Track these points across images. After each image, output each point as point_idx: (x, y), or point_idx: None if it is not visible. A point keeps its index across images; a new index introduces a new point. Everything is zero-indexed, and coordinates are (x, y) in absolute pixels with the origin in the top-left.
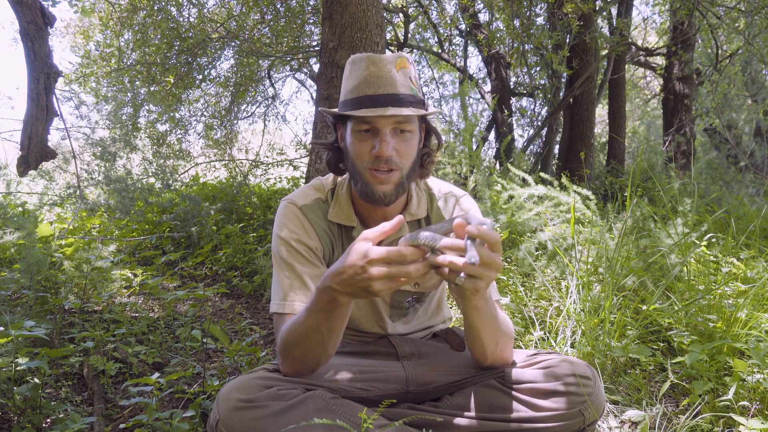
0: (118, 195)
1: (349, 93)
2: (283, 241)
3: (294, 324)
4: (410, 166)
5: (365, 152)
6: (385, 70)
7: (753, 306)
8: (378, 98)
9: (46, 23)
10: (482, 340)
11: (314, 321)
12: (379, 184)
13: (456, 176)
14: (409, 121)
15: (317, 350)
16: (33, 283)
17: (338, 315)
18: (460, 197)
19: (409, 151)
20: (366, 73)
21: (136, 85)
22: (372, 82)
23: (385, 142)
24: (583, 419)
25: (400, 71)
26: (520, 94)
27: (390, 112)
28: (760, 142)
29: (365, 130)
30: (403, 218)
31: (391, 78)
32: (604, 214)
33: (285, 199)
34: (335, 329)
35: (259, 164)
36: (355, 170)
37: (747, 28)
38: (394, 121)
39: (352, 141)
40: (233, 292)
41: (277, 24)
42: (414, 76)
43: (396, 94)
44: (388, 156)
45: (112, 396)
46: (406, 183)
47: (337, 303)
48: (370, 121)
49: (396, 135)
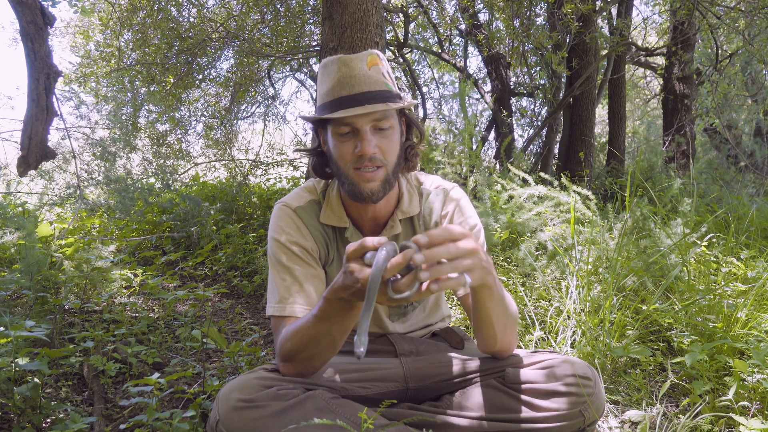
0: (118, 195)
1: (324, 97)
2: (279, 243)
3: (299, 330)
4: (395, 161)
5: (348, 153)
6: (356, 69)
7: (753, 306)
8: (353, 98)
9: (46, 23)
10: (492, 323)
11: (325, 326)
12: (365, 182)
13: (456, 176)
14: (388, 116)
15: (327, 351)
16: (33, 283)
17: (352, 316)
18: (449, 190)
19: (392, 146)
20: (338, 75)
21: (136, 85)
22: (345, 83)
23: (366, 140)
24: (584, 419)
25: (372, 68)
26: (520, 94)
27: (367, 109)
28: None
29: (346, 132)
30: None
31: (364, 76)
32: (604, 214)
33: (279, 201)
34: (347, 329)
35: (259, 164)
36: (340, 172)
37: (747, 28)
38: (372, 119)
39: (334, 144)
40: (233, 292)
41: (277, 24)
42: (387, 71)
43: (370, 91)
44: (371, 154)
45: (112, 396)
46: (392, 178)
47: (352, 305)
48: (349, 122)
49: (376, 132)
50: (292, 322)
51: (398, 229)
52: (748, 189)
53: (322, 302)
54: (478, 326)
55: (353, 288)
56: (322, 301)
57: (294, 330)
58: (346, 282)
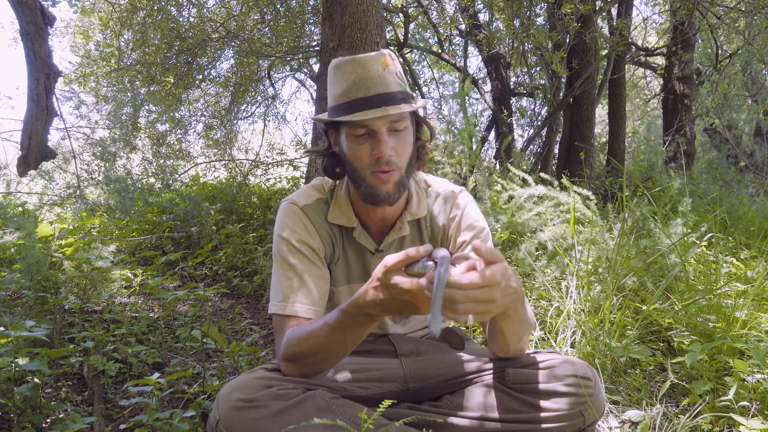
0: (118, 195)
1: (338, 98)
2: (285, 241)
3: (310, 335)
4: (408, 162)
5: (365, 155)
6: (372, 70)
7: (753, 306)
8: (371, 100)
9: (46, 23)
10: (507, 339)
11: (340, 336)
12: (382, 184)
13: (456, 176)
14: (403, 118)
15: (338, 357)
16: (33, 283)
17: (369, 328)
18: (457, 193)
19: (406, 147)
20: (354, 76)
21: (136, 85)
22: (362, 85)
23: (383, 142)
24: (584, 420)
25: (386, 69)
26: (520, 94)
27: (386, 111)
28: (760, 142)
29: (361, 134)
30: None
31: (380, 77)
32: (604, 214)
33: (286, 199)
34: (362, 338)
35: (259, 164)
36: (356, 174)
37: (747, 28)
38: (389, 121)
39: (349, 146)
40: (233, 292)
41: (277, 24)
42: (398, 71)
43: (387, 92)
44: (388, 157)
45: (112, 396)
46: (405, 179)
47: (374, 319)
48: (367, 124)
49: (392, 134)
50: (298, 323)
51: (406, 231)
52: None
53: (340, 314)
54: (493, 338)
55: (399, 300)
56: (339, 314)
57: (304, 335)
58: (386, 296)
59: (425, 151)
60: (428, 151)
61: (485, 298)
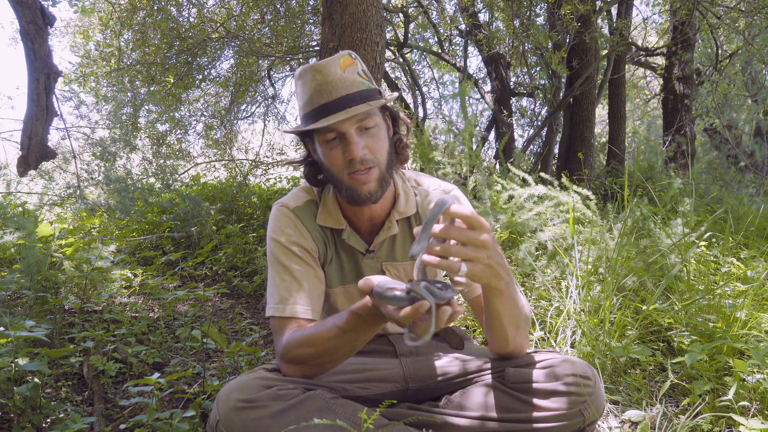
0: (118, 195)
1: (304, 107)
2: (279, 244)
3: (317, 338)
4: (386, 157)
5: (339, 159)
6: (331, 74)
7: (753, 306)
8: (333, 104)
9: (46, 23)
10: (503, 325)
11: (350, 336)
12: (361, 185)
13: (456, 176)
14: (371, 115)
15: (346, 357)
16: (33, 283)
17: (379, 327)
18: (449, 191)
19: (380, 144)
20: (314, 84)
21: (135, 85)
22: (323, 90)
23: (353, 144)
24: (583, 419)
25: (346, 70)
26: (520, 94)
27: (349, 113)
28: (760, 142)
29: (332, 138)
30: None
31: (340, 80)
32: (604, 214)
33: (277, 202)
34: (370, 337)
35: (259, 164)
36: (335, 179)
37: (747, 28)
38: (356, 121)
39: (323, 151)
40: (233, 292)
41: (277, 24)
42: (362, 70)
43: (348, 94)
44: (361, 156)
45: (112, 396)
46: (387, 176)
47: (385, 318)
48: (334, 128)
49: (363, 133)
50: (298, 324)
51: (395, 230)
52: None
53: (350, 316)
54: (490, 328)
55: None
56: (349, 315)
57: (309, 337)
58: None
59: (404, 145)
60: (407, 144)
61: (477, 241)
